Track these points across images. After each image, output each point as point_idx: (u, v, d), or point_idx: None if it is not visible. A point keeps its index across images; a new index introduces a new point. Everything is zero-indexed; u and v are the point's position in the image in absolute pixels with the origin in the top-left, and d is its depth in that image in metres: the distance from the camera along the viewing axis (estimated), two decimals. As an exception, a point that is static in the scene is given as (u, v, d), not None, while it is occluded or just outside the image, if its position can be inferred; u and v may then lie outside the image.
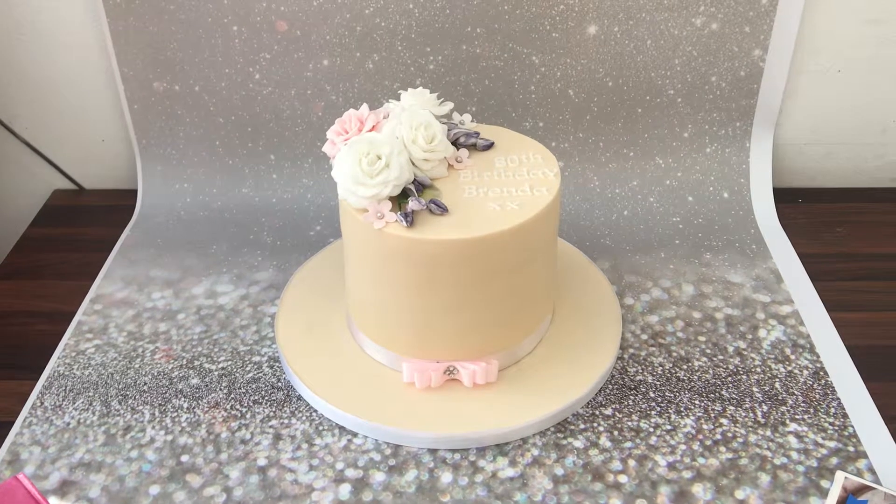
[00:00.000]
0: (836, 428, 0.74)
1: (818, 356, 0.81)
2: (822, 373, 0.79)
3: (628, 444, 0.72)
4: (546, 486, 0.69)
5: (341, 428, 0.74)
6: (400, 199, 0.70)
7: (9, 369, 0.83)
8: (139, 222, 1.02)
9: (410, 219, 0.68)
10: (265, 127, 1.03)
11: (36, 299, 0.92)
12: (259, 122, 1.03)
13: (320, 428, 0.75)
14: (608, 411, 0.76)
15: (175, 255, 0.97)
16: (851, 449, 0.72)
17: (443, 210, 0.69)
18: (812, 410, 0.75)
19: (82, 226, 1.04)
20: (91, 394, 0.79)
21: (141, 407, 0.77)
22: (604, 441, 0.73)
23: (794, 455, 0.71)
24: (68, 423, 0.76)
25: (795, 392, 0.77)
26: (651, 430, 0.74)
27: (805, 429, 0.73)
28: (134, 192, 1.06)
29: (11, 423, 0.76)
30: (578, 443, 0.73)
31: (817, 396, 0.77)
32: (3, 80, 1.04)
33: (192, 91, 1.01)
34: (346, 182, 0.69)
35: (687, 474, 0.70)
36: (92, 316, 0.88)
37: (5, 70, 1.03)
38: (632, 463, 0.71)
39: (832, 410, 0.75)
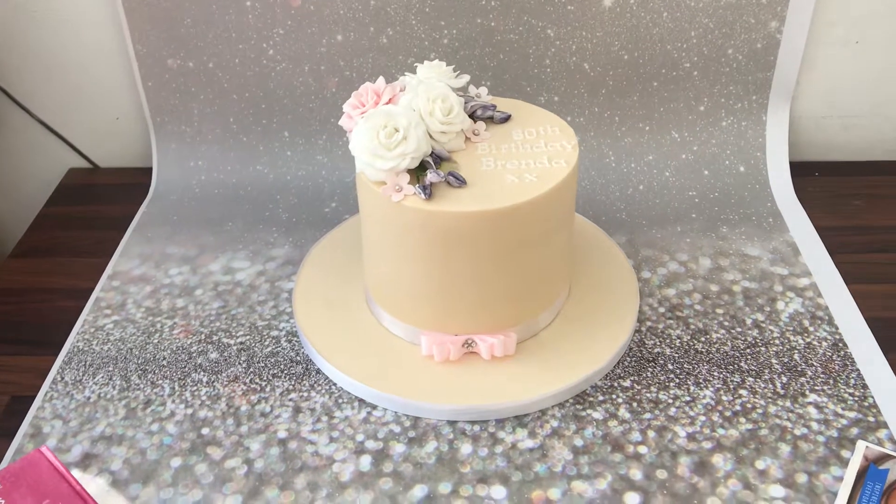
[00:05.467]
0: (856, 398, 0.73)
1: (837, 328, 0.81)
2: (840, 344, 0.79)
3: (647, 416, 0.72)
4: (566, 456, 0.69)
5: (361, 400, 0.75)
6: (418, 172, 0.70)
7: (29, 345, 0.83)
8: (154, 200, 1.02)
9: (429, 191, 0.68)
10: (279, 103, 1.03)
11: (54, 276, 0.92)
12: (273, 99, 1.02)
13: (340, 401, 0.75)
14: (627, 383, 0.76)
15: (191, 232, 0.97)
16: (872, 419, 0.71)
17: (461, 182, 0.69)
18: (832, 381, 0.75)
19: (98, 204, 1.05)
20: (111, 369, 0.79)
21: (160, 381, 0.78)
22: (623, 412, 0.73)
23: (815, 425, 0.71)
24: (89, 398, 0.76)
25: (815, 363, 0.77)
26: (670, 401, 0.74)
27: (825, 399, 0.73)
28: (149, 170, 1.07)
29: (33, 398, 0.77)
30: (597, 414, 0.73)
31: (837, 367, 0.76)
32: (16, 57, 1.04)
33: (206, 68, 1.00)
34: (364, 155, 0.69)
35: (707, 445, 0.70)
36: (110, 292, 0.88)
37: (19, 48, 1.03)
38: (651, 434, 0.71)
39: (852, 381, 0.75)
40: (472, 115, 0.77)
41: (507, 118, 0.77)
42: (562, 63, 1.00)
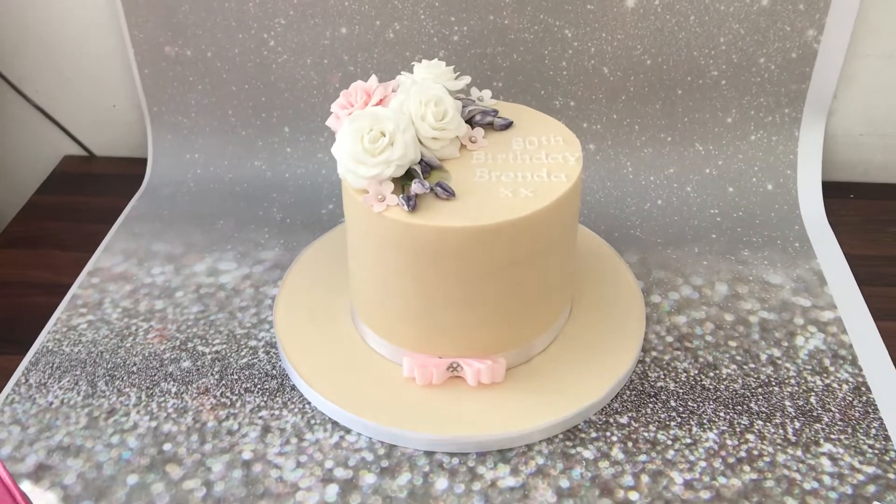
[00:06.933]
0: (876, 451, 0.66)
1: (860, 369, 0.74)
2: (863, 388, 0.72)
3: (643, 458, 0.66)
4: (549, 499, 0.63)
5: (334, 423, 0.70)
6: (403, 181, 0.65)
7: (-2, 342, 0.80)
8: (146, 193, 0.98)
9: (413, 203, 0.63)
10: (279, 97, 0.98)
11: (34, 270, 0.88)
12: (273, 92, 0.98)
13: (312, 422, 0.70)
14: (623, 420, 0.69)
15: (180, 228, 0.92)
16: (892, 476, 0.65)
17: (449, 194, 0.64)
18: (850, 430, 0.68)
19: (91, 194, 1.01)
20: (78, 372, 0.75)
21: (128, 389, 0.73)
22: (616, 452, 0.67)
23: (827, 480, 0.64)
24: (51, 403, 0.72)
25: (832, 408, 0.70)
26: (669, 442, 0.67)
27: (841, 450, 0.67)
28: (145, 161, 1.02)
29: (-7, 401, 0.73)
30: (588, 453, 0.67)
31: (857, 414, 0.70)
32: (12, 41, 1.00)
33: (205, 57, 0.96)
34: (346, 160, 0.64)
35: (705, 494, 0.63)
36: (88, 290, 0.84)
37: (15, 32, 0.99)
38: (645, 479, 0.65)
39: (873, 431, 0.68)
40: (471, 121, 0.71)
41: (508, 125, 0.72)
42: (579, 66, 0.93)
